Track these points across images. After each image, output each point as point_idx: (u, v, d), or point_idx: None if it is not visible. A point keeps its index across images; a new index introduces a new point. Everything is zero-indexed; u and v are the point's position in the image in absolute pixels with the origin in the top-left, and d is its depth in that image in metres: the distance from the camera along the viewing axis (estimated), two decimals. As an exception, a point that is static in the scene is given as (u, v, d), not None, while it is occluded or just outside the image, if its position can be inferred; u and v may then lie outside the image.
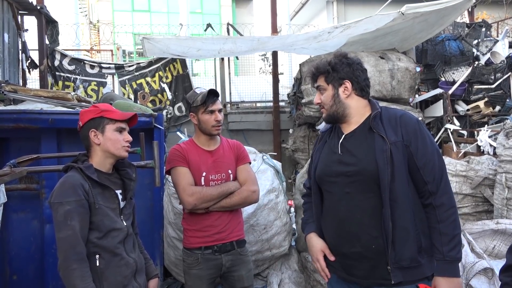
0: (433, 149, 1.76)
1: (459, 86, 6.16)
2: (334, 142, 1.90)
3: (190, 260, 2.38)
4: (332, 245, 1.88)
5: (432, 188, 1.71)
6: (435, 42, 6.64)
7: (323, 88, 1.89)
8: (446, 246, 1.67)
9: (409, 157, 1.73)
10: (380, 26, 5.62)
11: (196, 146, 2.45)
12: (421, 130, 1.77)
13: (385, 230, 1.70)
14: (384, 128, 1.76)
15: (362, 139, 1.81)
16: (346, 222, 1.79)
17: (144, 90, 7.18)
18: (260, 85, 8.72)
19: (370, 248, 1.73)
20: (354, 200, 1.77)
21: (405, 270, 1.70)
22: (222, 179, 2.40)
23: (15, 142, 3.27)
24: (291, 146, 6.81)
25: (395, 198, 1.70)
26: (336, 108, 1.85)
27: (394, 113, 1.83)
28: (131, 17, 16.57)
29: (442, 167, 1.75)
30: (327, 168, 1.87)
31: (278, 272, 3.39)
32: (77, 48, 9.28)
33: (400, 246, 1.69)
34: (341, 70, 1.84)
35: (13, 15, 5.93)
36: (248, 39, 6.07)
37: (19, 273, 3.32)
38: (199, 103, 2.39)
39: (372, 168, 1.72)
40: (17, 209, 3.30)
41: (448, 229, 1.68)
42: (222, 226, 2.36)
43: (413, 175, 1.74)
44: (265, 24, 8.27)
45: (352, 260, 1.79)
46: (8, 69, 5.77)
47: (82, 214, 1.78)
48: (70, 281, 1.72)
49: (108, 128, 1.92)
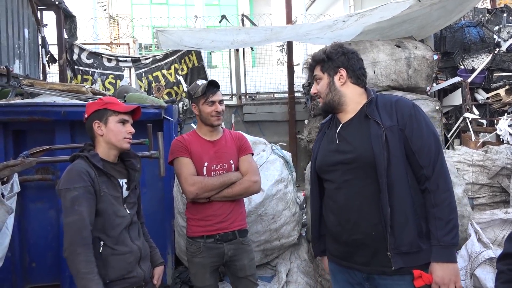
0: (429, 133, 1.74)
1: (479, 74, 5.99)
2: (332, 132, 1.92)
3: (193, 249, 2.42)
4: (332, 233, 1.89)
5: (428, 172, 1.70)
6: (454, 29, 6.46)
7: (319, 77, 1.90)
8: (441, 231, 1.65)
9: (404, 141, 1.72)
10: (396, 14, 5.50)
11: (198, 136, 2.49)
12: (416, 114, 1.75)
13: (383, 215, 1.69)
14: (379, 114, 1.76)
15: (358, 126, 1.81)
16: (346, 209, 1.79)
17: (160, 82, 7.26)
18: (276, 76, 8.69)
19: (370, 235, 1.73)
20: (353, 188, 1.78)
21: (405, 256, 1.69)
22: (224, 169, 2.42)
23: (31, 134, 3.38)
24: (307, 137, 6.78)
25: (392, 183, 1.69)
26: (331, 96, 1.86)
27: (389, 99, 1.83)
28: (149, 10, 16.73)
29: (439, 151, 1.73)
30: (326, 157, 1.89)
31: (287, 261, 3.41)
32: (96, 42, 9.43)
33: (399, 231, 1.69)
34: (336, 59, 1.86)
35: (33, 10, 6.07)
36: (262, 29, 6.04)
37: (37, 261, 3.45)
38: (200, 94, 2.43)
39: (368, 154, 1.72)
40: (34, 199, 3.42)
41: (443, 213, 1.66)
42: (224, 216, 2.39)
43: (410, 159, 1.73)
44: (281, 14, 8.19)
45: (352, 248, 1.80)
46: (29, 64, 5.94)
47: (89, 200, 1.84)
48: (74, 265, 1.78)
49: (111, 119, 1.97)
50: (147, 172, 3.49)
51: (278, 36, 6.39)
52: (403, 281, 1.71)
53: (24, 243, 3.40)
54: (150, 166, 3.42)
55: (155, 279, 2.15)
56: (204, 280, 2.41)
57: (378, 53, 5.52)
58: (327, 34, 6.21)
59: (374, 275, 1.76)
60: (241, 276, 2.46)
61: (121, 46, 11.75)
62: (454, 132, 5.88)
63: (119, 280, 1.91)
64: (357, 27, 6.06)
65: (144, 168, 3.37)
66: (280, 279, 3.25)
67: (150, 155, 2.70)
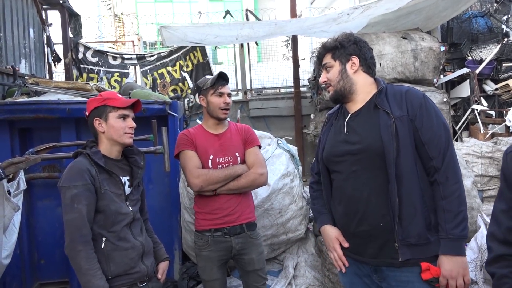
0: (439, 124, 1.70)
1: (487, 65, 5.91)
2: (340, 122, 1.89)
3: (200, 242, 2.42)
4: (341, 225, 1.88)
5: (437, 164, 1.67)
6: (461, 19, 6.37)
7: (330, 65, 1.87)
8: (450, 224, 1.62)
9: (414, 132, 1.69)
10: (402, 5, 5.43)
11: (204, 130, 2.48)
12: (426, 104, 1.72)
13: (391, 206, 1.67)
14: (389, 104, 1.74)
15: (367, 117, 1.78)
16: (354, 201, 1.77)
17: (165, 79, 7.26)
18: (282, 71, 8.65)
19: (378, 226, 1.71)
20: (361, 179, 1.76)
21: (413, 247, 1.67)
22: (229, 162, 2.41)
23: (37, 132, 3.40)
24: (313, 131, 6.75)
25: (401, 174, 1.67)
26: (343, 83, 1.83)
27: (399, 89, 1.80)
28: (154, 8, 16.74)
29: (449, 142, 1.69)
30: (334, 148, 1.86)
31: (294, 255, 3.39)
32: (101, 41, 9.45)
33: (407, 222, 1.66)
34: (349, 47, 1.83)
35: (37, 10, 6.09)
36: (266, 23, 6.01)
37: (46, 258, 3.48)
38: (209, 85, 2.43)
39: (377, 144, 1.70)
40: (42, 197, 3.45)
41: (452, 206, 1.63)
42: (231, 209, 2.38)
43: (419, 150, 1.70)
44: (286, 9, 8.15)
45: (360, 239, 1.78)
46: (35, 63, 5.96)
47: (88, 198, 1.84)
48: (76, 262, 1.79)
49: (111, 115, 1.96)
50: (153, 168, 3.49)
51: (282, 30, 6.35)
52: (410, 273, 1.68)
53: (33, 241, 3.43)
54: (156, 162, 3.42)
55: (159, 273, 2.15)
56: (211, 274, 2.41)
57: (384, 46, 5.47)
58: (332, 27, 6.16)
59: (382, 267, 1.74)
60: (250, 270, 2.45)
61: (126, 44, 11.79)
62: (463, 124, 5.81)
63: (122, 275, 1.91)
64: (362, 19, 6.00)
65: (150, 164, 3.40)
66: (287, 273, 3.23)
67: (155, 151, 2.69)
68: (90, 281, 1.77)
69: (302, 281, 3.24)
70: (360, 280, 1.85)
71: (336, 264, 1.91)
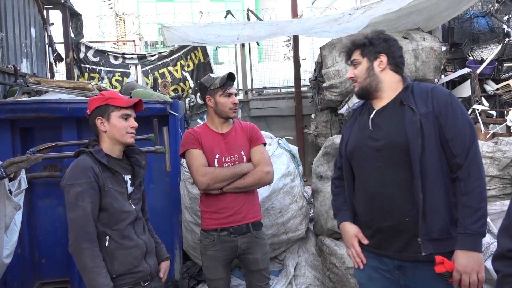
0: (464, 121, 1.72)
1: (488, 65, 5.91)
2: (364, 118, 1.90)
3: (206, 242, 2.42)
4: (364, 221, 1.88)
5: (461, 161, 1.68)
6: (462, 19, 6.37)
7: (358, 62, 1.89)
8: (469, 219, 1.63)
9: (439, 128, 1.71)
10: (403, 5, 5.43)
11: (209, 129, 2.48)
12: (452, 102, 1.74)
13: (415, 201, 1.69)
14: (414, 100, 1.76)
15: (392, 113, 1.81)
16: (378, 196, 1.79)
17: (166, 79, 7.27)
18: (283, 71, 8.66)
19: (403, 221, 1.73)
20: (385, 174, 1.77)
21: (436, 242, 1.69)
22: (235, 160, 2.41)
23: (39, 131, 3.41)
24: (314, 131, 6.75)
25: (426, 170, 1.69)
26: (369, 81, 1.85)
27: (425, 87, 1.82)
28: (155, 8, 16.75)
29: (473, 140, 1.70)
30: (358, 143, 1.88)
31: (295, 255, 3.40)
32: (102, 40, 9.46)
33: (431, 217, 1.68)
34: (378, 44, 1.85)
35: (39, 9, 6.10)
36: (267, 23, 6.02)
37: (47, 257, 3.48)
38: (218, 86, 2.42)
39: (402, 140, 1.72)
40: (43, 196, 3.45)
41: (473, 202, 1.64)
42: (238, 208, 2.37)
43: (444, 147, 1.72)
44: (287, 9, 8.15)
45: (385, 235, 1.79)
46: (36, 63, 5.97)
47: (92, 196, 1.84)
48: (80, 260, 1.79)
49: (113, 115, 1.95)
50: (154, 168, 3.49)
51: (283, 30, 6.36)
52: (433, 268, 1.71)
53: (34, 240, 3.44)
54: (157, 162, 3.42)
55: (161, 273, 2.15)
56: (216, 273, 2.41)
57: (385, 45, 5.46)
58: (333, 27, 6.16)
59: (406, 261, 1.76)
60: (254, 269, 2.45)
61: (127, 43, 11.80)
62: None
63: (126, 274, 1.91)
64: (363, 19, 5.99)
65: (151, 164, 3.40)
66: (288, 273, 3.24)
67: (156, 150, 2.70)
68: (95, 279, 1.77)
69: (303, 280, 3.24)
70: (380, 275, 1.86)
71: (353, 260, 1.92)
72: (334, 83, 5.75)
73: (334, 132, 6.31)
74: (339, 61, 5.59)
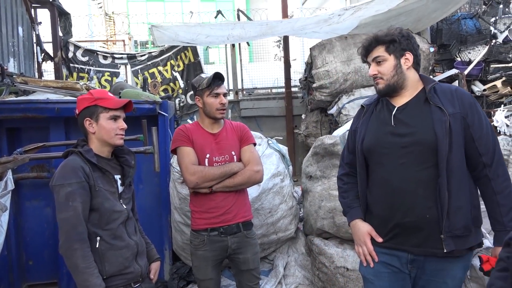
0: (487, 122, 1.80)
1: (476, 66, 5.97)
2: (384, 114, 1.90)
3: (196, 242, 2.42)
4: (381, 216, 1.88)
5: (487, 160, 1.76)
6: (450, 21, 6.44)
7: (383, 59, 1.87)
8: (506, 217, 1.73)
9: (465, 128, 1.77)
10: (392, 6, 5.48)
11: (201, 128, 2.48)
12: (475, 103, 1.82)
13: (440, 199, 1.73)
14: (440, 100, 1.79)
15: (417, 111, 1.83)
16: (400, 192, 1.80)
17: (156, 79, 7.22)
18: (273, 71, 8.66)
19: (424, 218, 1.76)
20: (409, 171, 1.79)
21: (458, 239, 1.74)
22: (225, 160, 2.41)
23: (26, 132, 3.37)
24: (304, 131, 6.76)
25: (452, 169, 1.73)
26: (397, 78, 1.86)
27: (448, 87, 1.87)
28: (145, 7, 16.65)
29: (496, 140, 1.79)
30: (379, 140, 1.88)
31: (284, 255, 3.41)
32: (91, 40, 9.38)
33: (454, 215, 1.73)
34: (403, 41, 1.86)
35: (27, 8, 6.03)
36: (257, 23, 6.02)
37: (34, 259, 3.44)
38: (205, 86, 2.42)
39: (430, 138, 1.75)
40: (30, 197, 3.41)
41: (507, 200, 1.74)
42: (228, 208, 2.37)
43: (468, 147, 1.78)
44: (278, 9, 8.17)
45: (403, 230, 1.81)
46: (24, 62, 5.90)
47: (83, 196, 1.82)
48: (72, 261, 1.76)
49: (102, 116, 1.93)
50: (143, 168, 3.47)
51: (274, 31, 6.37)
52: (448, 263, 1.77)
53: (21, 241, 3.40)
54: (146, 162, 3.40)
55: (151, 274, 2.14)
56: (206, 274, 2.41)
57: (374, 46, 5.50)
58: (323, 28, 6.19)
59: (421, 256, 1.80)
60: (244, 269, 2.45)
61: (116, 43, 11.70)
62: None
63: (117, 275, 1.89)
64: (353, 20, 6.03)
65: (140, 164, 3.38)
66: (277, 272, 3.24)
67: (145, 151, 2.69)
68: (87, 279, 1.75)
69: (292, 280, 3.25)
70: (388, 270, 1.87)
71: (363, 258, 1.92)
72: (324, 84, 5.76)
73: (324, 132, 6.32)
74: (329, 61, 5.61)
